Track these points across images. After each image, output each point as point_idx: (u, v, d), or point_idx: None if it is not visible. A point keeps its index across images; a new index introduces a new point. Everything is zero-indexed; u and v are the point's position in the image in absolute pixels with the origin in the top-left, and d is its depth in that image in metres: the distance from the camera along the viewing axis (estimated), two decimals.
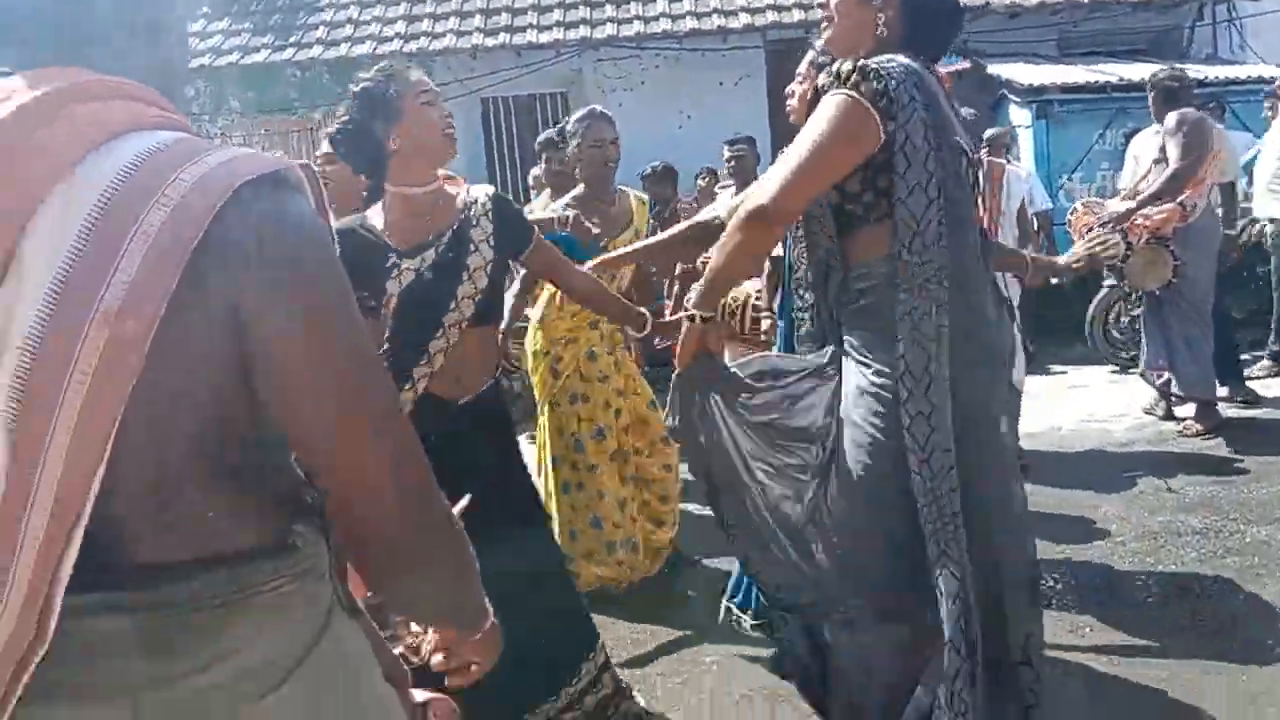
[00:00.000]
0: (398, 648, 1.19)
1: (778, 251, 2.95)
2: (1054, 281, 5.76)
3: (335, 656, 1.01)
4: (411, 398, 2.36)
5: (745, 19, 10.18)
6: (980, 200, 2.18)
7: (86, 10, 0.95)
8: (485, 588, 1.13)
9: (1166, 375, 5.47)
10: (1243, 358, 6.06)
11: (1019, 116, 8.94)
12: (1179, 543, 3.90)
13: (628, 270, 3.60)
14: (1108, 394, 6.48)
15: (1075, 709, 2.76)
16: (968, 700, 1.94)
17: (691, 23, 10.25)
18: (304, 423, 0.93)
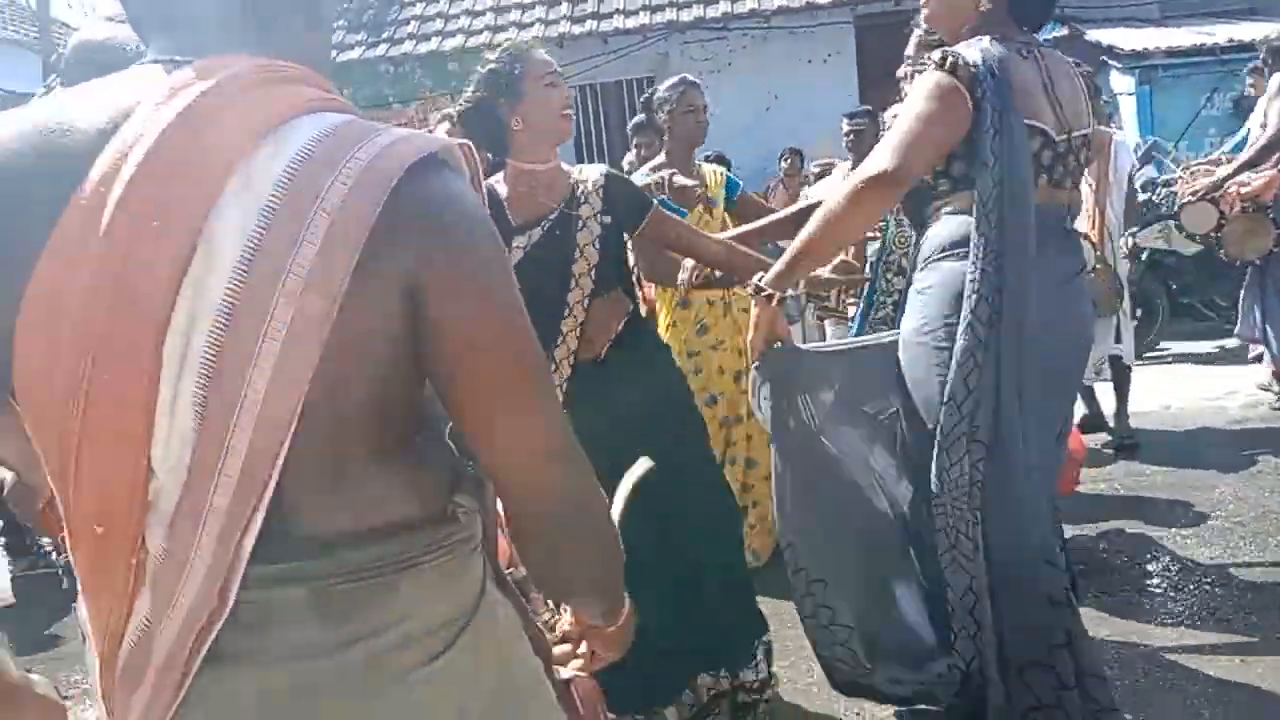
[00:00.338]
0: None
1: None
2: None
3: (490, 627, 1.05)
4: (556, 379, 2.44)
5: None
6: (1056, 179, 2.17)
7: None
8: (661, 548, 1.15)
9: (1261, 349, 5.26)
10: None
11: (1121, 83, 8.66)
12: None
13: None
14: (1220, 370, 6.26)
15: (1192, 701, 2.70)
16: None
17: (779, 0, 10.17)
18: (468, 396, 0.96)
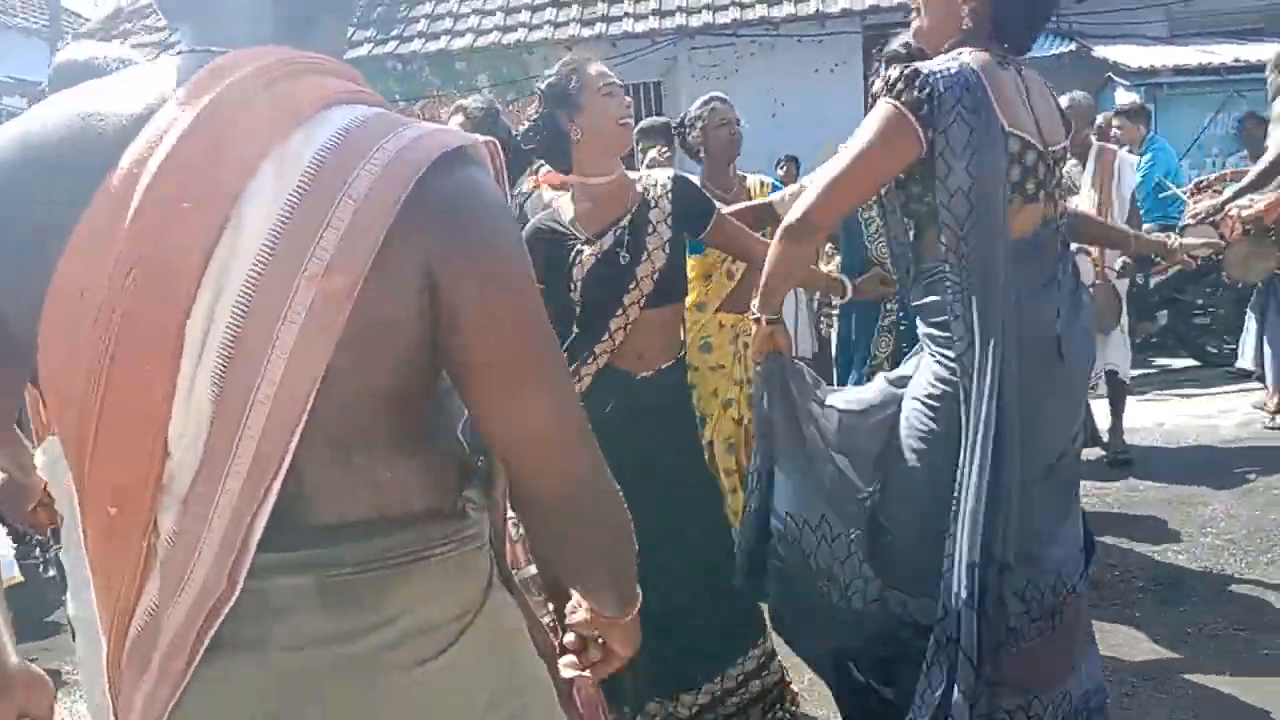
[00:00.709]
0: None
1: None
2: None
3: (495, 625, 1.05)
4: (592, 371, 2.49)
5: (843, 3, 10.05)
6: (1049, 192, 2.14)
7: None
8: (660, 561, 1.16)
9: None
10: None
11: (1127, 100, 8.67)
12: None
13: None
14: (1215, 389, 6.29)
15: (1179, 716, 2.72)
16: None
17: (788, 8, 10.17)
18: (484, 382, 0.97)
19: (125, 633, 0.95)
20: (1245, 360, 5.43)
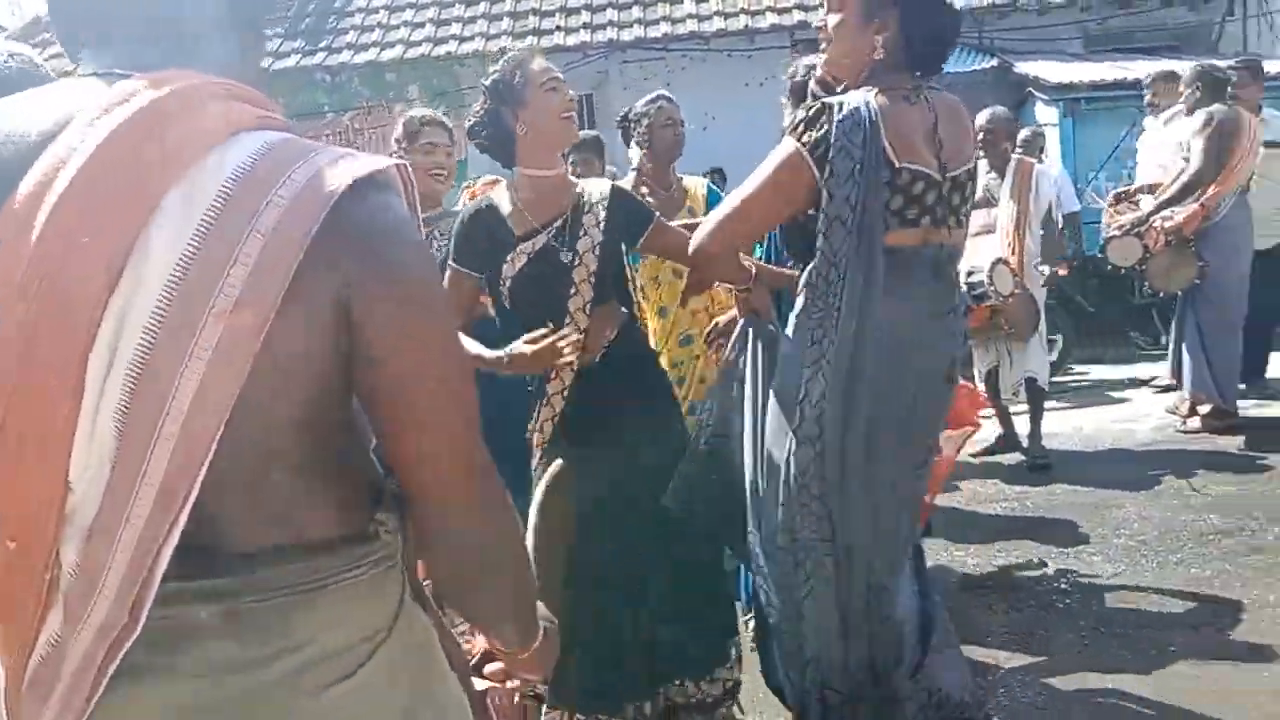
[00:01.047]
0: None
1: None
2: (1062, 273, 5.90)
3: (407, 643, 1.05)
4: (559, 387, 2.47)
5: (772, 19, 10.22)
6: (938, 218, 2.20)
7: (194, 10, 0.98)
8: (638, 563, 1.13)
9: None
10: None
11: (1046, 114, 8.92)
12: (1202, 541, 3.93)
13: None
14: (1131, 394, 6.50)
15: (1094, 714, 2.81)
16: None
17: (719, 23, 10.31)
18: (394, 412, 0.97)
19: (25, 665, 0.93)
20: (1165, 376, 5.60)
